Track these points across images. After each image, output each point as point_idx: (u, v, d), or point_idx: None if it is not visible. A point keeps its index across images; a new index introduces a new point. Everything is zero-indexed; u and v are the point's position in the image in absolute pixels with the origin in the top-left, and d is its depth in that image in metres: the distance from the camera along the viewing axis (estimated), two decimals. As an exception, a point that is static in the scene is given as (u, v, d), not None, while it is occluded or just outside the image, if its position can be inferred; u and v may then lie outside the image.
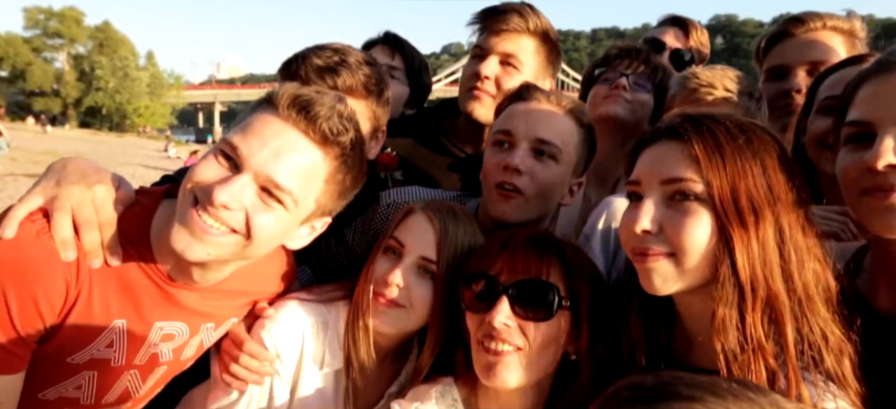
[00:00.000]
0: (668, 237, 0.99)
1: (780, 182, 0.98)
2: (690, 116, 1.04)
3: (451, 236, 1.31)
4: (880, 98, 1.01)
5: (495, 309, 1.14)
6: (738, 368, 0.95)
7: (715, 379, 0.58)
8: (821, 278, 0.98)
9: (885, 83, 1.01)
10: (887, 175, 0.97)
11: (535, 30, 1.86)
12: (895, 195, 0.97)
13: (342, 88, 1.49)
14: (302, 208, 1.16)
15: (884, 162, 0.96)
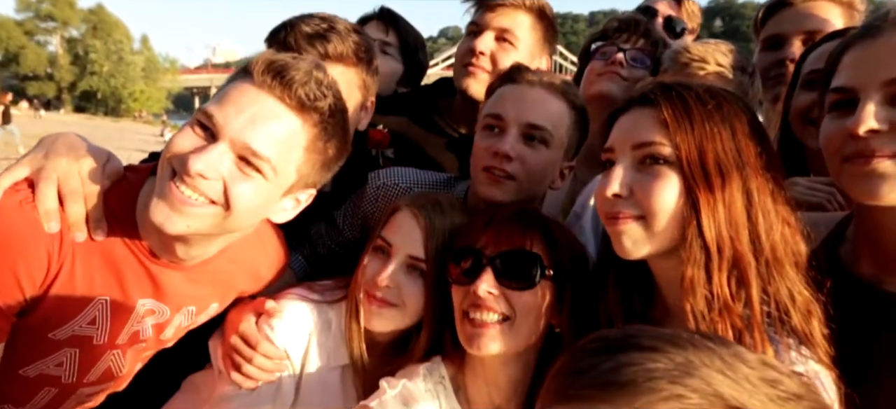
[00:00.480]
0: (637, 200, 1.00)
1: (749, 147, 1.00)
2: (662, 83, 1.07)
3: (437, 231, 1.29)
4: (863, 63, 1.00)
5: (480, 279, 1.15)
6: (705, 327, 0.96)
7: (677, 331, 0.58)
8: (789, 241, 1.00)
9: (868, 48, 1.01)
10: (868, 141, 0.97)
11: (532, 6, 1.83)
12: (875, 161, 0.97)
13: (332, 54, 1.46)
14: (282, 177, 1.13)
15: (865, 127, 0.96)
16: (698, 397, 0.51)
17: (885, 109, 0.96)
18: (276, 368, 1.28)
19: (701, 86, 1.06)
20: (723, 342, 0.58)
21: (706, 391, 0.51)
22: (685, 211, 0.98)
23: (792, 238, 1.00)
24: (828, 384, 0.94)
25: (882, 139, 0.96)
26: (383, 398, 1.21)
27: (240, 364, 1.26)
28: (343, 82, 1.47)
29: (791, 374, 0.58)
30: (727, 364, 0.54)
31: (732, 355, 0.55)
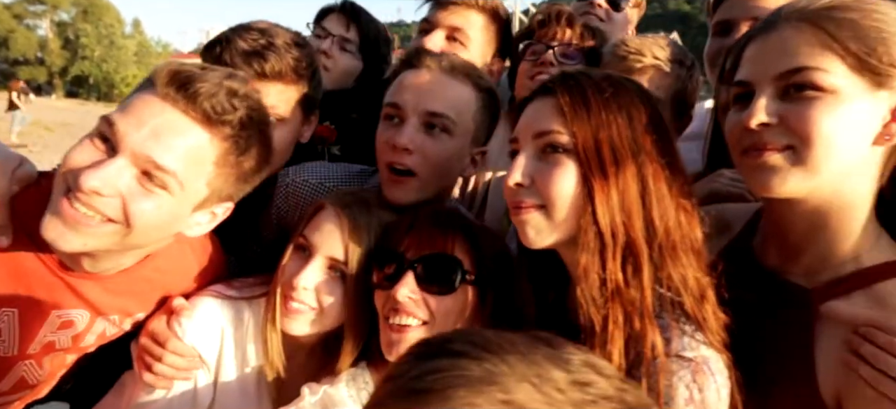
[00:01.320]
0: (538, 189, 1.01)
1: (646, 135, 1.01)
2: (563, 73, 1.07)
3: (362, 232, 1.24)
4: (759, 57, 1.00)
5: (400, 283, 1.14)
6: (599, 314, 0.97)
7: (505, 335, 0.58)
8: (685, 227, 1.00)
9: (764, 43, 1.00)
10: (761, 134, 0.97)
11: (485, 5, 1.81)
12: (766, 154, 0.97)
13: (270, 73, 1.41)
14: (191, 193, 1.10)
15: (756, 121, 0.96)
16: (490, 405, 0.51)
17: (775, 103, 0.96)
18: (188, 366, 1.24)
19: (601, 74, 1.06)
20: (548, 342, 0.58)
21: (499, 399, 0.51)
22: (582, 198, 0.99)
23: (687, 224, 1.01)
24: (717, 369, 0.95)
25: (773, 133, 0.96)
26: (302, 405, 1.19)
27: (150, 364, 1.23)
28: (283, 99, 1.46)
29: (612, 376, 0.57)
30: (538, 369, 0.54)
31: (550, 357, 0.55)
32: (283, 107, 1.46)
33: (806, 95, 0.93)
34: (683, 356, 0.94)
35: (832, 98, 0.92)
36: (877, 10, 0.94)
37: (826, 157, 0.93)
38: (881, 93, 0.94)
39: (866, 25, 0.93)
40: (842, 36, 0.92)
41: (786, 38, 0.96)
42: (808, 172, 0.95)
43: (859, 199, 1.00)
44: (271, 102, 1.42)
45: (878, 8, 0.95)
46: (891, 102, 0.95)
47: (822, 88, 0.92)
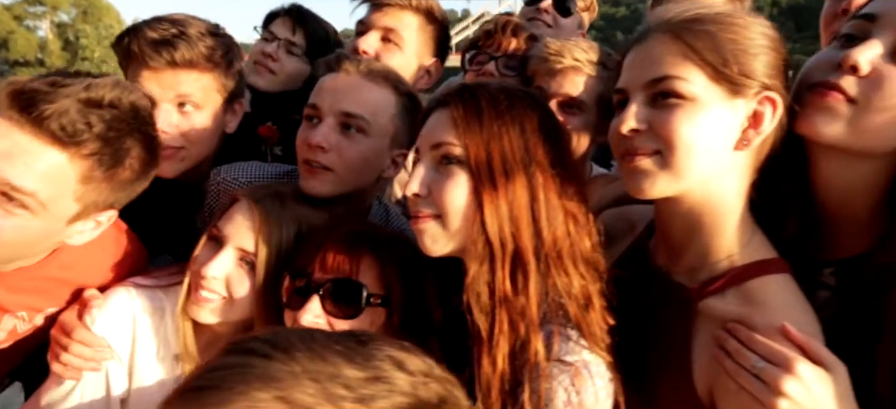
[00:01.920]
0: (434, 200, 1.04)
1: (538, 146, 1.04)
2: (461, 85, 1.10)
3: (273, 226, 1.26)
4: (632, 66, 1.04)
5: (304, 308, 1.15)
6: (486, 321, 1.00)
7: (307, 332, 0.60)
8: (574, 236, 1.04)
9: (637, 52, 1.04)
10: (632, 139, 1.00)
11: (419, 6, 1.82)
12: (638, 158, 1.00)
13: (181, 61, 1.43)
14: (58, 211, 1.11)
15: (626, 127, 0.99)
16: (266, 401, 0.52)
17: (644, 110, 0.99)
18: (96, 356, 1.26)
19: (498, 86, 1.09)
20: (358, 340, 0.60)
21: (275, 395, 0.52)
22: (473, 209, 1.01)
23: (576, 233, 1.04)
24: (597, 373, 0.99)
25: (642, 138, 0.99)
26: None
27: (58, 354, 1.25)
28: (197, 88, 1.48)
29: (416, 372, 0.59)
30: (329, 367, 0.55)
31: (348, 355, 0.57)
32: (199, 95, 1.49)
33: (669, 102, 0.97)
34: (564, 360, 0.98)
35: (691, 105, 0.96)
36: (735, 23, 0.98)
37: (688, 160, 0.96)
38: (738, 101, 0.97)
39: (723, 38, 0.96)
40: (700, 47, 0.96)
41: (652, 49, 1.00)
42: (673, 176, 0.98)
43: (729, 201, 1.02)
44: (186, 90, 1.45)
45: (737, 22, 0.98)
46: (747, 109, 0.98)
47: (682, 96, 0.96)
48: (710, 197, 1.01)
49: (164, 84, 1.44)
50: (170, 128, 1.45)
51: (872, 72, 0.93)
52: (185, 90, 1.44)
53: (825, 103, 0.95)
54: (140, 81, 1.43)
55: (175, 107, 1.47)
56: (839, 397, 0.89)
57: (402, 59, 1.82)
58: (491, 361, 1.00)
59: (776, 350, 0.90)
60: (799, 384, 0.87)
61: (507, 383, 0.99)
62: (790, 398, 0.87)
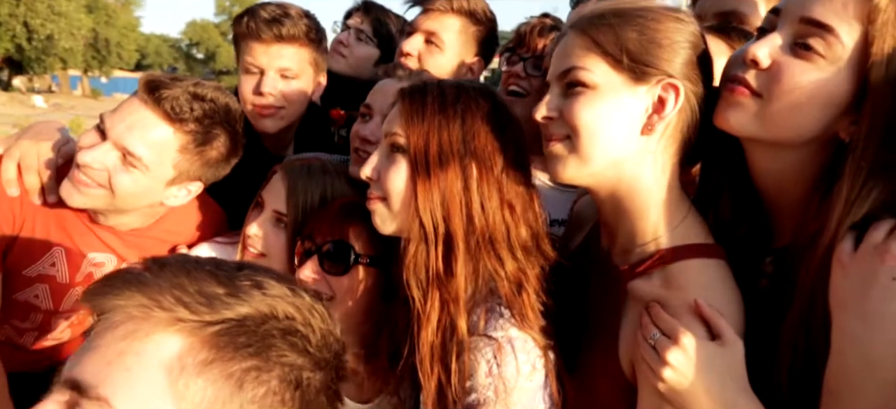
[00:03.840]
0: (381, 184, 1.18)
1: (479, 139, 1.13)
2: (417, 83, 1.23)
3: (300, 191, 1.51)
4: (552, 61, 1.11)
5: (303, 265, 1.38)
6: (421, 296, 1.13)
7: (195, 260, 0.73)
8: (509, 223, 1.13)
9: (556, 48, 1.11)
10: (548, 126, 1.09)
11: (461, 9, 1.98)
12: (552, 144, 1.08)
13: (286, 36, 1.78)
14: (159, 172, 1.49)
15: (539, 114, 1.09)
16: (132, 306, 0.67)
17: (557, 99, 1.08)
18: None
19: (451, 85, 1.20)
20: (226, 267, 0.73)
21: (139, 302, 0.66)
22: (411, 194, 1.13)
23: (512, 221, 1.13)
24: (522, 349, 1.09)
25: (555, 125, 1.08)
26: None
27: None
28: (297, 59, 1.83)
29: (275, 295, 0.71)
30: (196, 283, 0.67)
31: (217, 276, 0.70)
32: (297, 66, 1.83)
33: (575, 90, 1.05)
34: (489, 335, 1.09)
35: (594, 93, 1.03)
36: (643, 17, 1.03)
37: (593, 144, 1.04)
38: (640, 88, 1.02)
39: (627, 31, 1.02)
40: (602, 40, 1.03)
41: (565, 44, 1.08)
42: (581, 160, 1.05)
43: (645, 185, 1.07)
44: (288, 62, 1.80)
45: (645, 16, 1.03)
46: (651, 96, 1.03)
47: (586, 84, 1.03)
48: (625, 181, 1.07)
49: (272, 55, 1.79)
50: (274, 91, 1.81)
51: (772, 65, 0.93)
52: (287, 63, 1.80)
53: (733, 98, 0.97)
54: (252, 53, 1.79)
55: (278, 75, 1.82)
56: (726, 369, 0.93)
57: (444, 59, 1.99)
58: (424, 332, 1.13)
59: (670, 323, 0.96)
60: (682, 354, 0.92)
61: (438, 352, 1.12)
62: (673, 366, 0.93)
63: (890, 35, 0.87)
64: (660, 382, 0.95)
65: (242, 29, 1.79)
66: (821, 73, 0.91)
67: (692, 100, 1.03)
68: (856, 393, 0.84)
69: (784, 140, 0.97)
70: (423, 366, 1.14)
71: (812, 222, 0.94)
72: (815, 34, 0.91)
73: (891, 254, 0.83)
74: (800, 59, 0.92)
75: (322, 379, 0.75)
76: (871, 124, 0.90)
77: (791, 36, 0.93)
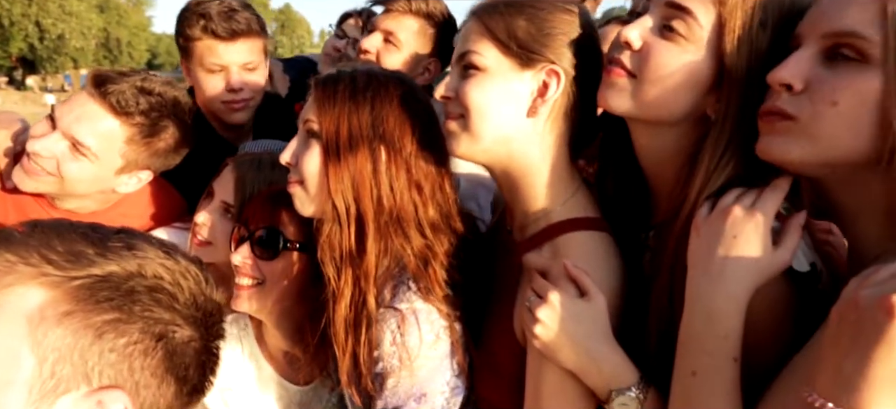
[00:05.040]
0: (298, 168, 1.24)
1: (388, 123, 1.18)
2: (331, 72, 1.27)
3: (248, 183, 1.57)
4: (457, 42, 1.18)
5: (236, 250, 1.45)
6: (335, 273, 1.20)
7: (72, 224, 0.76)
8: (418, 204, 1.19)
9: (460, 31, 1.19)
10: (447, 104, 1.16)
11: (419, 11, 2.05)
12: (448, 121, 1.15)
13: (241, 31, 1.88)
14: (107, 161, 1.57)
15: (438, 93, 1.19)
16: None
17: (455, 80, 1.15)
18: None
19: (365, 72, 1.25)
20: (102, 230, 0.79)
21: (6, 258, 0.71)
22: (324, 176, 1.19)
23: (420, 202, 1.20)
24: (426, 319, 1.15)
25: (452, 104, 1.14)
26: None
27: None
28: (255, 52, 1.94)
29: (146, 258, 0.77)
30: (68, 244, 0.73)
31: (90, 238, 0.74)
32: (256, 57, 1.94)
33: (469, 73, 1.12)
34: (395, 307, 1.16)
35: (483, 75, 1.10)
36: (533, 7, 1.09)
37: (482, 123, 1.10)
38: (526, 73, 1.09)
39: (517, 18, 1.09)
40: (493, 26, 1.09)
41: (465, 29, 1.15)
42: (472, 137, 1.12)
43: (534, 163, 1.13)
44: (247, 57, 1.90)
45: (534, 5, 1.10)
46: (536, 81, 1.09)
47: (478, 67, 1.10)
48: (516, 159, 1.13)
49: (233, 52, 1.90)
50: (244, 85, 1.92)
51: (643, 46, 0.98)
52: (248, 56, 1.91)
53: (610, 79, 1.02)
54: (215, 53, 1.88)
55: (242, 69, 1.92)
56: (589, 321, 1.00)
57: (400, 57, 2.06)
58: (337, 307, 1.20)
59: (541, 284, 1.04)
60: (550, 309, 1.00)
61: (352, 327, 1.19)
62: (542, 322, 1.00)
63: (739, 17, 0.92)
64: (534, 339, 1.02)
65: (197, 32, 1.87)
66: (684, 53, 0.96)
67: (575, 85, 1.10)
68: (698, 344, 0.90)
69: (658, 118, 1.02)
70: (337, 340, 1.21)
71: (679, 195, 1.00)
72: (678, 16, 0.96)
73: (733, 214, 0.89)
74: (666, 40, 0.97)
75: (190, 334, 0.80)
76: (729, 102, 0.95)
77: (659, 19, 0.98)
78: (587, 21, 1.13)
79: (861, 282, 0.73)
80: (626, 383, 0.99)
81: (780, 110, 0.87)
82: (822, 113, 0.83)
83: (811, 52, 0.86)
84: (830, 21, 0.85)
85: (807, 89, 0.85)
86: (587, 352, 0.99)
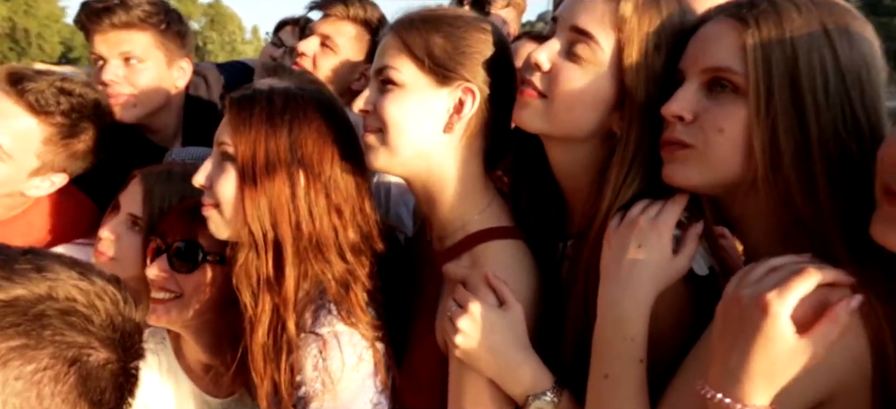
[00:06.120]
0: (213, 191, 1.20)
1: (306, 147, 1.16)
2: (245, 91, 1.23)
3: (157, 195, 1.50)
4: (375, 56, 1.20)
5: (152, 263, 1.39)
6: (252, 300, 1.17)
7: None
8: (338, 228, 1.18)
9: (380, 44, 1.19)
10: (365, 118, 1.17)
11: (357, 18, 2.04)
12: (366, 135, 1.17)
13: (118, 23, 1.80)
14: (22, 161, 1.49)
15: (357, 107, 1.21)
16: None
17: (374, 94, 1.16)
18: None
19: (282, 91, 1.21)
20: (11, 252, 0.76)
21: None
22: (239, 201, 1.16)
23: (340, 226, 1.19)
24: (348, 342, 1.14)
25: (370, 118, 1.16)
26: None
27: None
28: (139, 45, 1.84)
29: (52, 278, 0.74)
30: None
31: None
32: (140, 51, 1.85)
33: (387, 88, 1.13)
34: (316, 332, 1.15)
35: (401, 91, 1.12)
36: (451, 25, 1.13)
37: (399, 138, 1.12)
38: (443, 90, 1.12)
39: (434, 36, 1.11)
40: (411, 43, 1.11)
41: (384, 43, 1.16)
42: (390, 152, 1.13)
43: (451, 176, 1.16)
44: (128, 47, 1.82)
45: (453, 24, 1.13)
46: (452, 98, 1.12)
47: (395, 83, 1.12)
48: (434, 173, 1.16)
49: (111, 42, 1.82)
50: (117, 78, 1.82)
51: (552, 68, 1.04)
52: (128, 47, 1.82)
53: (523, 99, 1.07)
54: (94, 46, 1.81)
55: (122, 62, 1.83)
56: (507, 330, 1.04)
57: (337, 61, 2.04)
58: (255, 335, 1.18)
59: (461, 294, 1.07)
60: (470, 319, 1.03)
61: (271, 353, 1.17)
62: (462, 331, 1.03)
63: (636, 42, 1.00)
64: (455, 348, 1.05)
65: (81, 21, 1.81)
66: (588, 75, 1.03)
67: (490, 102, 1.13)
68: (609, 348, 0.96)
69: (568, 135, 1.08)
70: (255, 367, 1.19)
71: (592, 207, 1.05)
72: (582, 41, 1.02)
73: (638, 226, 0.96)
74: (572, 62, 1.03)
75: (106, 357, 0.77)
76: (631, 119, 1.02)
77: (565, 42, 1.05)
78: (501, 39, 1.17)
79: (740, 280, 0.81)
80: (541, 388, 1.03)
81: (677, 140, 0.95)
82: (713, 140, 0.91)
83: (695, 85, 0.94)
84: (705, 57, 0.93)
85: (697, 119, 0.93)
86: (505, 360, 1.03)
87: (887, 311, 0.77)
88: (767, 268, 0.80)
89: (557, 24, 1.06)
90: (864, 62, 0.87)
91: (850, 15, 0.90)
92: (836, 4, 0.91)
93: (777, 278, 0.77)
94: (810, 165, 0.86)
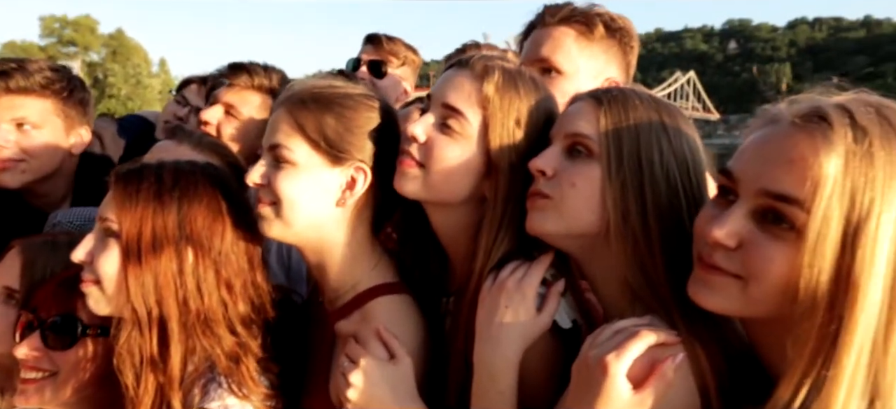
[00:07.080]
0: (94, 267, 1.17)
1: (196, 224, 1.17)
2: (133, 167, 1.22)
3: (38, 266, 1.41)
4: (267, 128, 1.24)
5: (22, 341, 1.29)
6: (134, 380, 1.15)
7: None
8: (227, 303, 1.18)
9: (271, 117, 1.23)
10: (258, 190, 1.21)
11: (261, 87, 2.06)
12: (261, 206, 1.20)
13: (14, 88, 1.75)
14: None
15: (251, 180, 1.21)
16: None
17: (267, 168, 1.20)
18: None
19: (172, 167, 1.22)
20: None
21: None
22: (123, 279, 1.14)
23: (230, 300, 1.19)
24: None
25: (264, 191, 1.20)
26: None
27: None
28: (34, 111, 1.78)
29: None
30: None
31: None
32: (36, 117, 1.80)
33: (281, 165, 1.17)
34: (204, 408, 1.13)
35: (294, 169, 1.16)
36: (342, 105, 1.18)
37: (293, 213, 1.17)
38: (336, 169, 1.18)
39: (326, 116, 1.17)
40: (306, 124, 1.16)
41: (275, 118, 1.20)
42: (285, 224, 1.18)
43: (342, 243, 1.22)
44: (22, 113, 1.77)
45: (344, 105, 1.19)
46: (345, 176, 1.19)
47: (288, 161, 1.16)
48: (326, 241, 1.21)
49: (2, 106, 1.76)
50: (7, 144, 1.75)
51: (427, 140, 1.14)
52: (22, 113, 1.77)
53: (403, 169, 1.16)
54: None
55: (13, 126, 1.77)
56: (397, 381, 1.10)
57: (241, 126, 2.05)
58: None
59: (353, 349, 1.12)
60: (361, 373, 1.08)
61: None
62: (354, 386, 1.08)
63: (499, 118, 1.12)
64: (347, 403, 1.09)
65: None
66: (459, 146, 1.13)
67: (378, 173, 1.20)
68: (484, 400, 1.05)
69: (444, 200, 1.17)
70: None
71: (469, 267, 1.14)
72: (452, 116, 1.13)
73: (506, 288, 1.06)
74: (445, 135, 1.14)
75: None
76: (498, 186, 1.13)
77: (439, 117, 1.15)
78: (387, 112, 1.24)
79: (591, 342, 0.91)
80: None
81: (539, 192, 1.07)
82: (566, 193, 1.04)
83: (558, 148, 1.08)
84: (568, 125, 1.08)
85: (556, 176, 1.06)
86: None
87: (711, 362, 0.90)
88: (613, 331, 0.92)
89: (431, 100, 1.16)
90: (690, 149, 1.05)
91: (679, 114, 1.08)
92: (670, 104, 1.10)
93: (618, 340, 0.88)
94: (649, 227, 1.00)
